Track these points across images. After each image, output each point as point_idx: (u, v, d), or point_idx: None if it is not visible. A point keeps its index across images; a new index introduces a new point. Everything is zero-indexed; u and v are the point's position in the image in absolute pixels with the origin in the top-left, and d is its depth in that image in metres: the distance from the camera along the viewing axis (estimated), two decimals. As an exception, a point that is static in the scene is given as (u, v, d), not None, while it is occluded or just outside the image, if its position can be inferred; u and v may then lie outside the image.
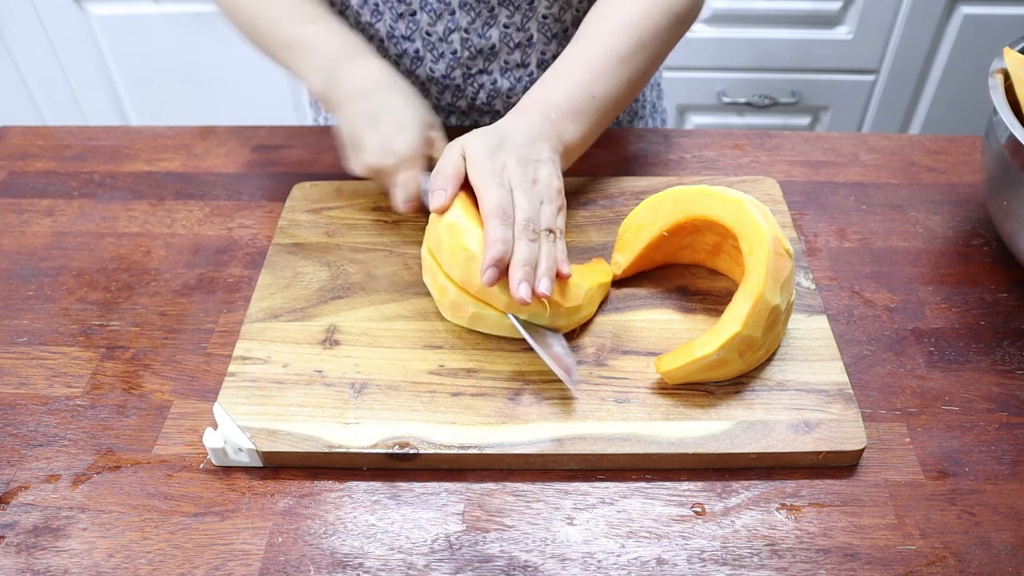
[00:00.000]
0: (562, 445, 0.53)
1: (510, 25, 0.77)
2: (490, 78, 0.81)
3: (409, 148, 0.64)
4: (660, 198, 0.62)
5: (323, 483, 0.54)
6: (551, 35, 0.79)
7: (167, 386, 0.60)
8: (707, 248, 0.63)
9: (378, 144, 0.64)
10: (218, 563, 0.49)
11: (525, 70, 0.81)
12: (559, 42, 0.80)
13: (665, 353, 0.56)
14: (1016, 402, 0.58)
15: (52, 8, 1.52)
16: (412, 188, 0.64)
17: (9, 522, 0.52)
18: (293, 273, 0.66)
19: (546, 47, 0.80)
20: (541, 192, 0.59)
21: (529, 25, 0.77)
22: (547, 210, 0.58)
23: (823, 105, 1.56)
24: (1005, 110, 0.59)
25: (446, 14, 0.76)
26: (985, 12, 1.40)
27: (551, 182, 0.60)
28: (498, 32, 0.77)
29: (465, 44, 0.78)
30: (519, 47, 0.79)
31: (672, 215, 0.61)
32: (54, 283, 0.68)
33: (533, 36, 0.79)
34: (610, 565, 0.49)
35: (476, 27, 0.77)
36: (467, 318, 0.58)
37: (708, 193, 0.59)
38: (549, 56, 0.81)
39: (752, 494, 0.52)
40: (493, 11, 0.76)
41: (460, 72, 0.80)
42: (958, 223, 0.72)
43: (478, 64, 0.80)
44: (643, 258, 0.63)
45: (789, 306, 0.57)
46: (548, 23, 0.78)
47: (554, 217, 0.59)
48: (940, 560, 0.49)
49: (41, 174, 0.80)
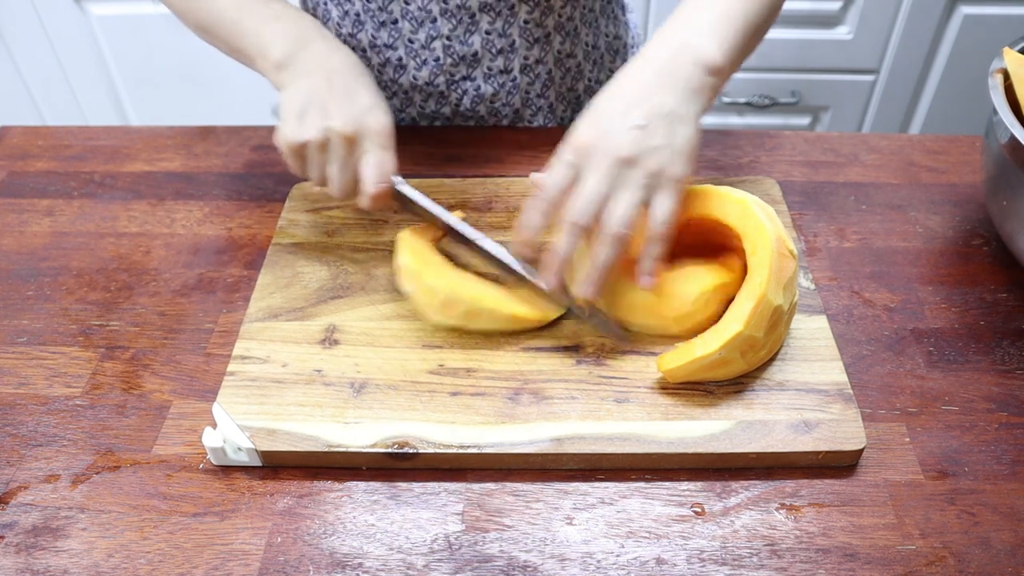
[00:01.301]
0: (561, 445, 0.53)
1: (492, 31, 0.77)
2: (473, 84, 0.81)
3: (386, 124, 0.60)
4: None
5: (322, 483, 0.54)
6: (533, 40, 0.79)
7: (167, 386, 0.60)
8: (711, 248, 0.63)
9: (349, 111, 0.59)
10: (217, 563, 0.49)
11: (508, 75, 0.81)
12: (541, 47, 0.80)
13: (666, 352, 0.56)
14: (1016, 402, 0.58)
15: (52, 8, 1.52)
16: (387, 168, 0.60)
17: (9, 522, 0.52)
18: (293, 273, 0.66)
19: (528, 52, 0.79)
20: (640, 176, 0.53)
21: (511, 31, 0.77)
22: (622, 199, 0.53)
23: (823, 105, 1.56)
24: (1005, 110, 0.59)
25: (427, 21, 0.76)
26: (985, 12, 1.40)
27: (630, 156, 0.53)
28: (480, 39, 0.77)
29: (447, 51, 0.78)
30: (501, 53, 0.79)
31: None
32: (54, 283, 0.68)
33: (515, 42, 0.78)
34: (609, 565, 0.49)
35: (458, 34, 0.76)
36: (460, 314, 0.58)
37: (713, 193, 0.59)
38: (532, 61, 0.80)
39: (752, 494, 0.52)
40: (474, 17, 0.75)
41: (443, 79, 0.80)
42: (958, 223, 0.72)
43: (461, 71, 0.79)
44: None
45: (792, 307, 0.57)
46: (530, 28, 0.78)
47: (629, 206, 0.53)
48: (940, 560, 0.49)
49: (41, 174, 0.80)
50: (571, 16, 0.79)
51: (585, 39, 0.82)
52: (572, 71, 0.84)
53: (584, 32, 0.82)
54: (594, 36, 0.83)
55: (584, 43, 0.83)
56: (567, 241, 0.55)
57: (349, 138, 0.59)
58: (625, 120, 0.54)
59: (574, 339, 0.60)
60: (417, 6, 0.75)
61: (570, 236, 0.55)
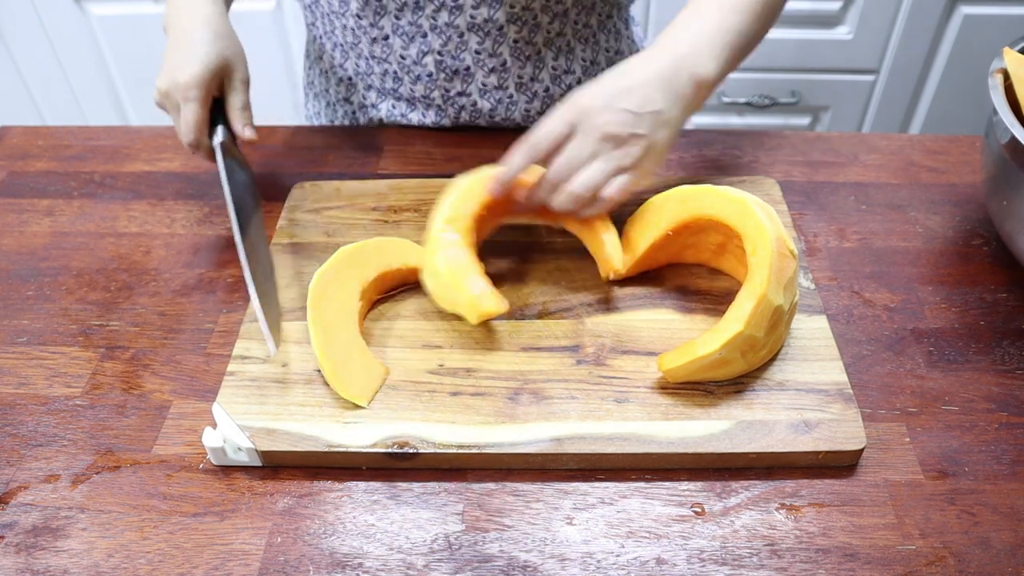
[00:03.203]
0: (561, 445, 0.53)
1: (482, 51, 0.77)
2: (469, 99, 0.81)
3: (191, 79, 0.64)
4: (666, 197, 0.62)
5: (322, 483, 0.54)
6: (525, 58, 0.79)
7: (167, 386, 0.60)
8: (712, 248, 0.63)
9: (168, 69, 0.65)
10: (217, 563, 0.49)
11: (504, 92, 0.81)
12: (534, 64, 0.80)
13: (666, 352, 0.56)
14: (1016, 402, 0.58)
15: (52, 8, 1.52)
16: (190, 121, 0.65)
17: (9, 522, 0.52)
18: (293, 273, 0.66)
19: (522, 71, 0.80)
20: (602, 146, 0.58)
21: (501, 50, 0.77)
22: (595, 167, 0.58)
23: (823, 105, 1.56)
24: (1005, 110, 0.59)
25: (418, 37, 0.76)
26: (985, 12, 1.40)
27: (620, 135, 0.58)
28: (471, 56, 0.77)
29: (440, 66, 0.78)
30: (494, 71, 0.79)
31: (677, 214, 0.61)
32: (54, 283, 0.68)
33: (507, 61, 0.78)
34: (609, 565, 0.49)
35: (449, 49, 0.77)
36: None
37: (713, 192, 0.59)
38: (526, 79, 0.80)
39: (752, 494, 0.52)
40: (463, 36, 0.76)
41: (439, 93, 0.81)
42: (958, 223, 0.72)
43: (456, 86, 0.80)
44: (647, 257, 0.63)
45: (792, 307, 0.57)
46: (520, 47, 0.78)
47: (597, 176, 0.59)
48: (940, 560, 0.49)
49: (41, 174, 0.80)
50: (561, 31, 0.79)
51: (582, 55, 0.82)
52: (573, 87, 0.83)
53: (580, 48, 0.82)
54: (592, 52, 0.83)
55: (581, 59, 0.82)
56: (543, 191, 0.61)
57: (165, 94, 0.66)
58: (622, 101, 0.59)
59: (574, 339, 0.60)
60: (408, 21, 0.75)
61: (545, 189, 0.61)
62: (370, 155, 0.81)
